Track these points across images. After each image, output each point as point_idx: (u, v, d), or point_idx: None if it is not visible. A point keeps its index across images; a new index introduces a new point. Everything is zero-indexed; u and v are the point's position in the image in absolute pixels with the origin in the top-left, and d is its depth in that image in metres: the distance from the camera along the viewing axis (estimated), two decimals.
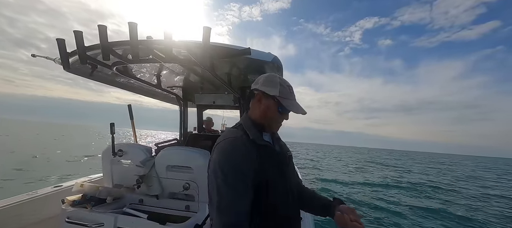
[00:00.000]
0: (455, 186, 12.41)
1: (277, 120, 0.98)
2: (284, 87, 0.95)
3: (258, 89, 0.97)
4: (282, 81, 0.97)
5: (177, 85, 2.83)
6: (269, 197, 0.85)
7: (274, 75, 0.99)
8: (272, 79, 0.97)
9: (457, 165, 32.95)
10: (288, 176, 0.99)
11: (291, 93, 0.97)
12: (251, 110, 1.01)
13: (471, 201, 9.03)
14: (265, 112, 0.96)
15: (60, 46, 1.44)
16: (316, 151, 44.25)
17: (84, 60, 1.44)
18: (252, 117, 0.99)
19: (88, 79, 2.14)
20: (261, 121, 0.97)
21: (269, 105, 0.95)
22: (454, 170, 22.99)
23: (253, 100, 0.99)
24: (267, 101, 0.95)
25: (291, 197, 0.97)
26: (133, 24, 1.24)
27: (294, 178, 1.06)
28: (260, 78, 1.00)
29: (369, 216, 6.26)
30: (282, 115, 0.98)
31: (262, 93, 0.96)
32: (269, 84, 0.96)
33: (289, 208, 0.95)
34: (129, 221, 1.54)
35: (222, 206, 0.79)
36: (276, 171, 0.92)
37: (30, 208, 1.81)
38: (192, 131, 3.82)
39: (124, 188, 2.00)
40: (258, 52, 1.50)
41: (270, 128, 0.99)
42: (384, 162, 27.78)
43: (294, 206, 0.99)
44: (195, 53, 1.34)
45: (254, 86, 1.00)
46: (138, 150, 1.99)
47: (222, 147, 0.87)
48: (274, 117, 0.96)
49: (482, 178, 18.06)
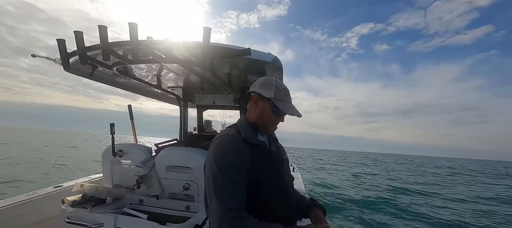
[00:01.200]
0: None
1: (273, 122, 1.01)
2: (280, 89, 0.98)
3: (254, 91, 1.01)
4: (278, 84, 1.00)
5: (177, 85, 2.83)
6: (260, 195, 0.88)
7: (271, 78, 1.02)
8: (268, 82, 1.00)
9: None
10: (283, 175, 1.01)
11: (286, 96, 1.00)
12: (248, 111, 1.05)
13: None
14: (261, 114, 0.99)
15: (61, 46, 1.44)
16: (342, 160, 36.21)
17: (84, 60, 1.44)
18: (248, 118, 1.03)
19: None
20: (257, 122, 1.00)
21: (264, 107, 0.98)
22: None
23: (250, 102, 1.04)
24: (262, 103, 0.99)
25: (286, 196, 0.99)
26: (133, 24, 1.24)
27: (289, 179, 1.09)
28: (258, 81, 1.03)
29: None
30: (278, 117, 1.01)
31: (258, 95, 1.00)
32: (265, 86, 0.99)
33: (285, 205, 0.97)
34: (129, 222, 1.54)
35: (220, 194, 0.81)
36: (270, 170, 0.94)
37: (30, 208, 1.81)
38: (192, 131, 3.82)
39: (124, 189, 2.00)
40: (258, 53, 1.50)
41: (266, 129, 1.02)
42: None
43: (290, 205, 1.02)
44: (195, 54, 1.34)
45: (251, 89, 1.03)
46: (138, 151, 1.99)
47: (216, 142, 0.92)
48: (269, 119, 1.00)
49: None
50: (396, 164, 33.01)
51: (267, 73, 1.88)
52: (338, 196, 8.41)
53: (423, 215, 6.84)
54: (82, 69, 1.89)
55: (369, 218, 6.16)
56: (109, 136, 1.94)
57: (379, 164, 26.27)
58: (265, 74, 1.91)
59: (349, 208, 6.95)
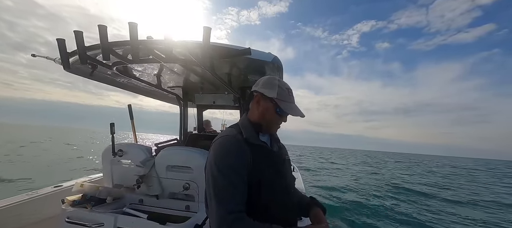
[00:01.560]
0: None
1: (275, 122, 1.00)
2: (283, 89, 0.97)
3: (257, 91, 0.99)
4: (281, 84, 0.98)
5: (177, 85, 2.83)
6: (261, 196, 0.87)
7: (274, 78, 1.00)
8: (271, 82, 0.98)
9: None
10: (284, 176, 1.00)
11: (290, 96, 0.99)
12: (250, 111, 1.03)
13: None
14: (263, 114, 0.98)
15: (60, 46, 1.44)
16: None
17: (84, 60, 1.44)
18: (250, 118, 1.01)
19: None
20: (259, 122, 0.99)
21: (267, 107, 0.97)
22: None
23: (252, 101, 1.02)
24: (265, 103, 0.97)
25: (288, 197, 0.98)
26: (133, 24, 1.24)
27: (291, 179, 1.08)
28: (261, 80, 1.01)
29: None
30: (280, 117, 0.99)
31: (260, 95, 0.98)
32: (267, 86, 0.97)
33: (286, 206, 0.96)
34: (129, 221, 1.54)
35: (220, 196, 0.81)
36: (271, 170, 0.93)
37: (30, 208, 1.81)
38: (192, 131, 3.82)
39: (124, 188, 2.00)
40: (258, 52, 1.50)
41: (268, 129, 1.01)
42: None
43: (292, 206, 1.01)
44: (195, 53, 1.34)
45: (254, 88, 1.02)
46: (138, 150, 1.99)
47: (217, 143, 0.91)
48: (272, 119, 0.98)
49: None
50: (397, 163, 32.69)
51: (267, 73, 1.88)
52: (338, 196, 8.40)
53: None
54: (82, 68, 1.89)
55: (372, 219, 6.13)
56: (108, 133, 1.94)
57: (381, 164, 26.04)
58: (265, 74, 1.91)
59: (350, 208, 6.93)
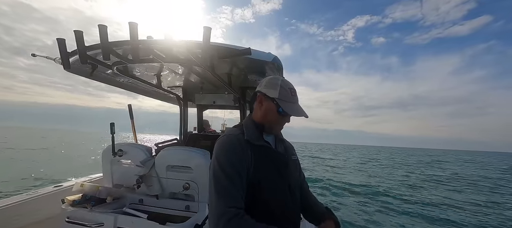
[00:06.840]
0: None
1: (278, 122, 0.99)
2: (285, 89, 0.96)
3: (260, 91, 0.99)
4: (284, 84, 0.97)
5: (178, 85, 2.82)
6: (262, 196, 0.87)
7: (277, 78, 1.00)
8: (273, 82, 0.98)
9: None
10: (287, 177, 0.99)
11: (292, 96, 0.97)
12: (254, 111, 1.03)
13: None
14: (265, 114, 0.98)
15: (61, 46, 1.43)
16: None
17: (85, 60, 1.44)
18: (254, 118, 1.01)
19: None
20: (262, 123, 0.98)
21: (269, 107, 0.97)
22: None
23: (255, 101, 1.02)
24: (267, 103, 0.97)
25: (290, 198, 0.97)
26: (134, 24, 1.24)
27: (295, 180, 1.06)
28: (264, 80, 1.01)
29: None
30: (283, 118, 0.99)
31: (263, 95, 0.98)
32: (270, 86, 0.97)
33: (288, 208, 0.95)
34: (129, 221, 1.54)
35: (220, 191, 0.81)
36: (273, 171, 0.93)
37: (30, 208, 1.81)
38: (192, 131, 3.82)
39: (124, 188, 2.00)
40: (258, 52, 1.49)
41: (271, 129, 1.00)
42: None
43: (294, 207, 1.00)
44: (196, 53, 1.34)
45: (258, 88, 1.02)
46: (138, 150, 1.99)
47: (219, 142, 0.92)
48: (274, 119, 0.98)
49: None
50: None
51: (267, 73, 1.88)
52: (340, 197, 8.39)
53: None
54: (82, 68, 1.89)
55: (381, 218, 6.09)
56: (108, 135, 1.94)
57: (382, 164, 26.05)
58: (265, 74, 1.91)
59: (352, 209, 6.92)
